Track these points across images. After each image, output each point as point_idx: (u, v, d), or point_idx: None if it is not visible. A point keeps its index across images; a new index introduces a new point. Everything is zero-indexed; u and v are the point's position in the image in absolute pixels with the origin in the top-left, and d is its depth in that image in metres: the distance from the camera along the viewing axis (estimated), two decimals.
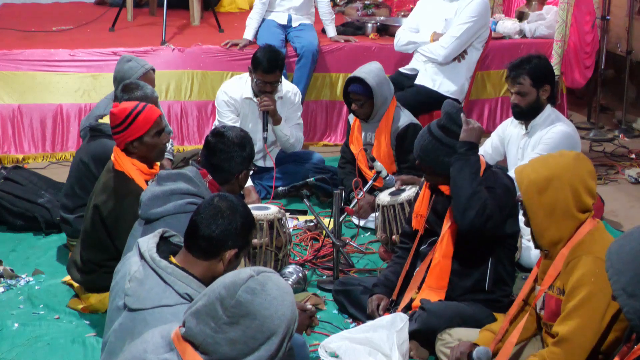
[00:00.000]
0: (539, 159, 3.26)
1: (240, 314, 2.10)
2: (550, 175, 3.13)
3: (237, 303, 2.11)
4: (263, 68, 5.41)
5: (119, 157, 3.96)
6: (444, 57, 6.03)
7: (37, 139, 6.45)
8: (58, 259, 4.77)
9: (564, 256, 3.14)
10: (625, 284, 2.46)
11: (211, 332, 2.11)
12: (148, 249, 2.67)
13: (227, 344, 2.10)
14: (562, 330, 3.07)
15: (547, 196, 3.12)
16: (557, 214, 3.12)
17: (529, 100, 4.52)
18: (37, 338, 3.91)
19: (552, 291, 3.19)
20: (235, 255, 2.69)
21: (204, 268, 2.66)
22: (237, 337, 2.10)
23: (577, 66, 6.96)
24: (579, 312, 3.04)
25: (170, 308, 2.55)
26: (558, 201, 3.12)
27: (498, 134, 4.97)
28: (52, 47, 6.61)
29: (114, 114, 3.95)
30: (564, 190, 3.11)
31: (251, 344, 2.11)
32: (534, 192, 3.14)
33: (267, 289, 2.14)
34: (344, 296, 4.16)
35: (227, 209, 2.68)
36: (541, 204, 3.13)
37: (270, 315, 2.12)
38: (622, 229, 5.26)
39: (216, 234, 2.65)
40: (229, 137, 3.55)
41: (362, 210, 5.09)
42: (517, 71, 4.50)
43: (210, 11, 7.73)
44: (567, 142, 4.51)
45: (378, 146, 5.26)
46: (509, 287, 3.90)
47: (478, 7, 6.04)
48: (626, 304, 2.46)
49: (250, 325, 2.10)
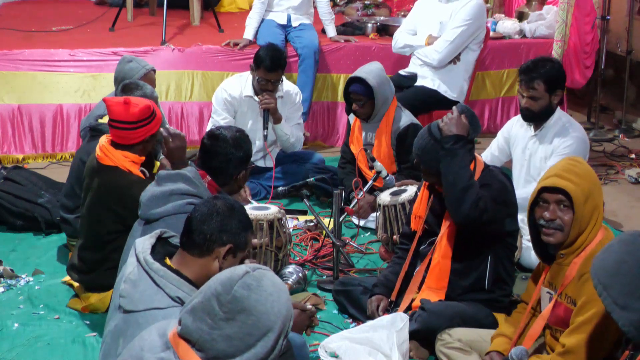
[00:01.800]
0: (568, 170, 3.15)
1: (237, 309, 2.10)
2: (590, 185, 3.12)
3: (233, 298, 2.11)
4: (266, 66, 5.41)
5: (108, 152, 3.95)
6: (438, 62, 6.03)
7: (37, 139, 6.45)
8: (58, 259, 4.77)
9: (577, 265, 3.12)
10: (615, 297, 2.46)
11: (207, 329, 2.11)
12: (143, 250, 2.67)
13: (224, 340, 2.10)
14: (570, 343, 3.07)
15: (589, 204, 3.11)
16: (594, 218, 3.12)
17: (541, 104, 4.49)
18: (37, 338, 3.91)
19: (561, 298, 3.18)
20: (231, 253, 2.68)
21: (199, 267, 2.65)
22: (233, 333, 2.10)
23: (577, 66, 6.96)
24: (588, 327, 3.04)
25: (161, 311, 2.55)
26: (597, 207, 3.13)
27: (503, 134, 4.94)
28: (52, 47, 6.61)
29: (141, 110, 3.91)
30: (599, 193, 3.15)
31: (247, 340, 2.10)
32: (582, 203, 3.10)
33: (263, 285, 2.14)
34: (344, 296, 4.16)
35: (223, 206, 2.69)
36: (586, 211, 3.11)
37: (266, 311, 2.11)
38: (622, 229, 5.26)
39: (211, 230, 2.65)
40: (224, 139, 3.55)
41: (362, 210, 5.09)
42: (531, 75, 4.44)
43: (210, 11, 7.73)
44: (583, 148, 4.57)
45: (378, 146, 5.26)
46: (508, 286, 3.90)
47: (472, 10, 6.03)
48: (620, 317, 2.46)
49: (246, 321, 2.10)
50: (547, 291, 3.28)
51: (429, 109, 6.11)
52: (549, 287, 3.28)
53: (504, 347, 3.35)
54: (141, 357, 2.20)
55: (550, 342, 3.29)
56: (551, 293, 3.25)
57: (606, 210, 5.44)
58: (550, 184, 3.12)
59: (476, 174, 3.76)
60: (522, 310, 3.45)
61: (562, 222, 3.12)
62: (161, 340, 2.21)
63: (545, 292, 3.30)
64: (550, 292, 3.25)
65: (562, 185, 3.09)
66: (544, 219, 3.14)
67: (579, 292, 3.10)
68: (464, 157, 3.68)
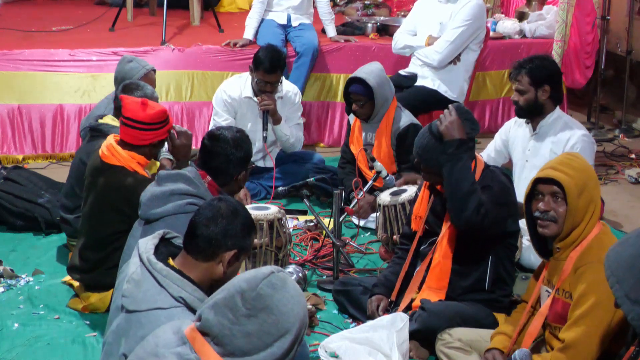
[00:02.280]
0: (564, 164, 3.20)
1: (260, 307, 2.13)
2: (585, 178, 3.15)
3: (257, 295, 2.14)
4: (265, 68, 5.41)
5: (115, 152, 3.95)
6: (439, 62, 6.03)
7: (37, 139, 6.44)
8: (58, 259, 4.77)
9: (572, 259, 3.14)
10: (628, 291, 2.47)
11: (229, 324, 2.14)
12: (146, 250, 2.67)
13: (243, 336, 2.13)
14: (569, 337, 3.07)
15: (584, 197, 3.14)
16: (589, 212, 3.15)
17: (527, 98, 4.53)
18: (37, 338, 3.91)
19: (558, 294, 3.19)
20: (235, 257, 2.68)
21: (202, 270, 2.65)
22: (253, 330, 2.13)
23: (577, 66, 6.96)
24: (586, 320, 3.05)
25: (164, 311, 2.55)
26: (593, 201, 3.15)
27: (501, 136, 4.95)
28: (52, 47, 6.61)
29: (159, 113, 3.91)
30: (595, 186, 3.18)
31: (266, 339, 2.13)
32: (575, 195, 3.13)
33: (287, 287, 2.18)
34: (344, 296, 4.16)
35: (227, 210, 2.68)
36: (581, 204, 3.14)
37: (287, 312, 2.15)
38: (622, 229, 5.26)
39: (215, 234, 2.64)
40: (224, 139, 3.55)
41: (362, 210, 5.09)
42: (518, 69, 4.54)
43: (210, 11, 7.73)
44: (593, 147, 4.60)
45: (379, 146, 5.26)
46: (509, 286, 3.90)
47: (472, 10, 6.03)
48: (630, 311, 2.47)
49: (267, 320, 2.13)
50: (546, 289, 3.30)
51: (429, 109, 6.11)
52: (547, 285, 3.29)
53: (504, 345, 3.35)
54: (156, 352, 2.22)
55: (549, 340, 3.30)
56: (549, 291, 3.26)
57: (606, 210, 5.45)
58: (544, 175, 3.18)
59: (477, 174, 3.76)
60: (521, 310, 3.46)
61: (556, 214, 3.16)
62: (176, 336, 2.23)
63: (544, 291, 3.31)
64: (549, 290, 3.26)
65: (555, 177, 3.13)
66: (539, 210, 3.19)
67: (575, 285, 3.11)
68: (466, 161, 3.68)
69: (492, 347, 3.38)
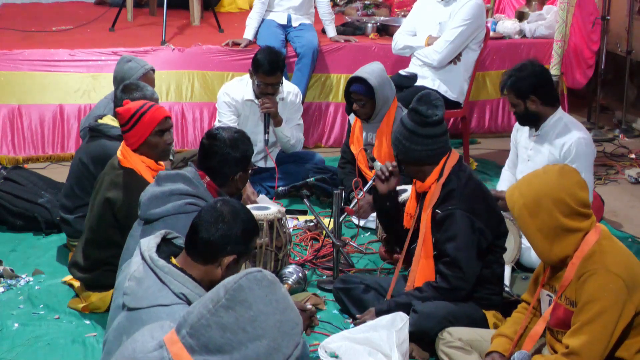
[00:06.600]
0: (525, 181, 3.19)
1: (239, 298, 2.05)
2: (537, 197, 3.08)
3: (238, 286, 2.06)
4: (264, 70, 5.41)
5: (127, 154, 3.96)
6: (439, 62, 6.03)
7: (37, 139, 6.44)
8: (58, 259, 4.77)
9: (574, 266, 3.11)
10: None
11: (207, 314, 2.06)
12: (148, 248, 2.68)
13: (218, 328, 2.04)
14: (573, 344, 3.06)
15: (540, 218, 3.09)
16: (555, 232, 3.09)
17: (519, 110, 4.55)
18: (37, 338, 3.91)
19: (560, 300, 3.18)
20: (234, 262, 2.68)
21: (202, 272, 2.66)
22: (228, 323, 2.04)
23: (578, 66, 6.96)
24: (590, 327, 3.04)
25: (165, 308, 2.55)
26: (552, 220, 3.08)
27: (512, 140, 4.96)
28: (52, 47, 6.61)
29: (119, 114, 3.96)
30: (553, 209, 3.07)
31: (240, 336, 2.04)
32: (526, 217, 3.11)
33: (275, 290, 2.09)
34: (345, 294, 4.16)
35: (229, 214, 2.67)
36: (536, 226, 3.10)
37: (266, 312, 2.05)
38: (622, 229, 5.26)
39: (215, 239, 2.64)
40: (221, 139, 3.55)
41: (362, 210, 5.07)
42: (502, 84, 4.57)
43: (210, 11, 7.73)
44: (589, 149, 4.56)
45: (379, 146, 5.26)
46: (496, 285, 3.91)
47: (471, 10, 6.03)
48: None
49: (244, 314, 2.04)
50: (547, 294, 3.28)
51: None
52: (548, 289, 3.28)
53: (505, 347, 3.34)
54: (134, 358, 2.19)
55: (550, 342, 3.29)
56: (551, 295, 3.25)
57: (606, 210, 5.45)
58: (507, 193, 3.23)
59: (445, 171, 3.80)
60: (522, 310, 3.45)
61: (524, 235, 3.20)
62: (154, 340, 2.18)
63: (545, 295, 3.30)
64: (550, 295, 3.25)
65: (507, 196, 3.17)
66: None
67: (579, 293, 3.09)
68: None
69: (493, 350, 3.38)
